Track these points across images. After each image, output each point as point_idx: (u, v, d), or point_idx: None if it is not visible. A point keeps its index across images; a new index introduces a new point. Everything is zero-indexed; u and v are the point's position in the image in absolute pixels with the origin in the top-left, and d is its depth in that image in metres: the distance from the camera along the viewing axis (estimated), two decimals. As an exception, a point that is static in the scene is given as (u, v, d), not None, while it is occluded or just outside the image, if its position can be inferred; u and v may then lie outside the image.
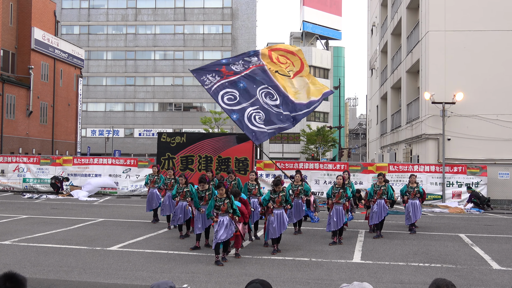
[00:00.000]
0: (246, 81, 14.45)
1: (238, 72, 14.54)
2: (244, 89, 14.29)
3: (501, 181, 22.19)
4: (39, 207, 19.23)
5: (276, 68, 15.34)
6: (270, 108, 14.19)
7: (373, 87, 44.60)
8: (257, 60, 15.07)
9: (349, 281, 7.70)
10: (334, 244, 11.86)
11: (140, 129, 68.94)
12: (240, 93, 14.15)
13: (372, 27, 45.24)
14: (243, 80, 14.41)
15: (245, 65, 14.90)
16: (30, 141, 38.07)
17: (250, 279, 8.23)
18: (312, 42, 73.55)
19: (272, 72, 15.03)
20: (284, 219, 10.97)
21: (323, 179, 22.53)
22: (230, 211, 9.87)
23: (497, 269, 9.57)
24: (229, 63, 14.99)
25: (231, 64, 14.92)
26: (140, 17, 69.67)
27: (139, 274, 8.67)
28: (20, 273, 3.32)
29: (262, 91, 14.41)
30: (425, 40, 25.11)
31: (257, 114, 14.04)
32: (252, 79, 14.56)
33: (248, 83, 14.45)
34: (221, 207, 9.85)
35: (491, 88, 24.07)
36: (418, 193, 14.24)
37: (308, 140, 59.74)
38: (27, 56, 37.93)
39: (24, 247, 10.86)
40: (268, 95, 14.43)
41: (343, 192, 12.13)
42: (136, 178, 24.48)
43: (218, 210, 9.88)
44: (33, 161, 25.47)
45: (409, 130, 28.15)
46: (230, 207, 9.90)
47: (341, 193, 12.12)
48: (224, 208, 9.84)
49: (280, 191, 11.10)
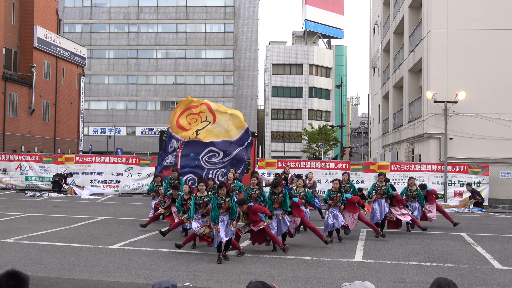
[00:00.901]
0: (186, 163, 15.72)
1: (174, 163, 15.70)
2: (190, 169, 15.71)
3: (503, 180, 22.14)
4: (41, 205, 19.26)
5: (193, 130, 16.25)
6: (220, 162, 15.68)
7: (375, 86, 44.56)
8: (177, 142, 16.00)
9: (350, 280, 7.70)
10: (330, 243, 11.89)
11: (142, 128, 69.00)
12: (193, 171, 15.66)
13: (374, 26, 45.18)
14: (184, 165, 15.63)
15: (173, 152, 16.05)
16: (32, 139, 38.12)
17: (252, 278, 8.24)
18: (314, 41, 73.51)
19: (196, 137, 16.02)
20: (285, 219, 10.99)
21: (325, 178, 22.51)
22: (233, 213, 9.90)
23: (498, 269, 9.57)
24: (162, 163, 16.32)
25: (166, 161, 16.16)
26: (142, 15, 69.69)
27: (141, 272, 8.68)
28: (22, 271, 3.33)
29: (203, 158, 15.68)
30: (427, 39, 25.08)
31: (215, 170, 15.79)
32: (187, 158, 15.77)
33: (188, 162, 15.78)
34: (223, 205, 9.87)
35: (493, 87, 24.03)
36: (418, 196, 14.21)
37: (310, 139, 59.72)
38: (30, 55, 37.96)
39: (26, 245, 10.88)
40: (210, 157, 15.73)
41: (340, 196, 12.20)
42: (138, 177, 24.50)
43: (220, 208, 9.89)
44: (35, 159, 25.50)
45: (411, 129, 28.12)
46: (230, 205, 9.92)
47: (338, 197, 12.18)
48: (225, 206, 9.86)
49: (279, 192, 11.08)
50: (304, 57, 68.17)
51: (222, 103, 67.12)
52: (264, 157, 56.11)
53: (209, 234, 10.25)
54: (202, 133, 15.92)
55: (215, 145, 15.67)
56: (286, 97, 68.15)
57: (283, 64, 68.46)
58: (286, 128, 67.93)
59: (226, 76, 68.90)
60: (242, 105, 68.35)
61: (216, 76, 69.05)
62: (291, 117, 68.46)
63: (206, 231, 10.30)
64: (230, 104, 68.20)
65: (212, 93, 68.57)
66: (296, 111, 68.40)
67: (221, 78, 68.99)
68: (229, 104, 68.20)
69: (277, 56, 68.26)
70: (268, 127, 68.02)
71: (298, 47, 69.44)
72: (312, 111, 68.27)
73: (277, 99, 67.89)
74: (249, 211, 10.50)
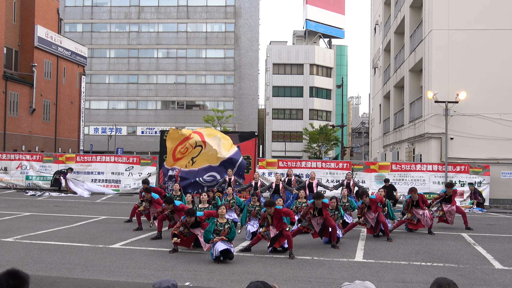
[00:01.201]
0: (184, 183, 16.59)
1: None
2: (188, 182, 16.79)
3: (504, 180, 22.11)
4: (41, 204, 19.27)
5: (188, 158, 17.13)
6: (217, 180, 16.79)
7: (376, 85, 44.55)
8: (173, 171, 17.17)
9: (351, 280, 7.70)
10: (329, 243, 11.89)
11: (143, 127, 69.00)
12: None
13: (375, 26, 45.17)
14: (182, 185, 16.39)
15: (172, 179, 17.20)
16: (33, 138, 38.14)
17: (252, 277, 8.25)
18: (315, 41, 73.49)
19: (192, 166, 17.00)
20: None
21: (326, 178, 22.50)
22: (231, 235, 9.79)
23: (499, 269, 9.56)
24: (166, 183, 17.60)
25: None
26: (143, 15, 69.69)
27: (141, 272, 8.68)
28: (23, 270, 3.33)
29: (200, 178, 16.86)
30: (428, 39, 25.06)
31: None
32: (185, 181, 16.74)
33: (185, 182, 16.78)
34: (221, 232, 9.69)
35: (494, 87, 24.02)
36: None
37: (311, 138, 59.69)
38: (30, 54, 37.98)
39: (27, 244, 10.89)
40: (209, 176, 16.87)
41: (338, 214, 12.17)
42: (139, 176, 24.49)
43: (218, 235, 9.69)
44: (36, 159, 25.51)
45: (411, 129, 28.11)
46: (229, 232, 9.75)
47: (336, 215, 12.11)
48: (224, 233, 9.69)
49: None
50: (305, 56, 68.15)
51: (223, 103, 67.51)
52: (264, 157, 56.12)
53: (186, 233, 10.26)
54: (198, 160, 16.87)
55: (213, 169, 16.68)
56: (287, 96, 68.13)
57: (283, 63, 68.44)
58: (286, 128, 67.91)
59: (227, 76, 68.89)
60: (242, 105, 68.34)
61: (217, 75, 69.04)
62: (291, 117, 68.43)
63: (185, 231, 10.26)
64: (230, 104, 68.24)
65: (213, 92, 68.58)
66: (297, 110, 68.38)
67: (222, 78, 68.98)
68: (230, 104, 68.23)
69: (277, 56, 68.23)
70: (268, 127, 68.00)
71: (299, 47, 69.41)
72: (313, 111, 68.25)
73: (278, 98, 67.87)
74: (275, 214, 10.35)
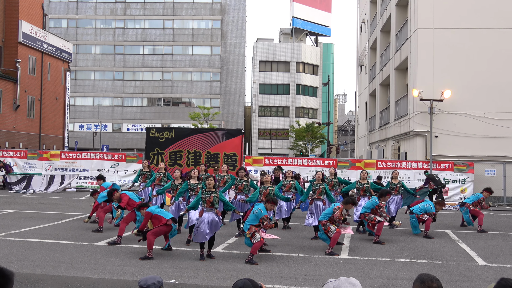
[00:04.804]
0: None
1: None
2: None
3: (487, 178, 22.38)
4: (26, 201, 19.08)
5: None
6: None
7: (362, 83, 44.74)
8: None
9: (336, 276, 7.73)
10: (315, 239, 11.97)
11: (129, 124, 68.61)
12: None
13: (361, 24, 45.33)
14: None
15: None
16: (17, 135, 37.73)
17: (238, 275, 8.26)
18: (301, 38, 73.60)
19: None
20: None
21: (312, 175, 22.55)
22: (216, 206, 9.78)
23: (482, 265, 9.68)
24: None
25: None
26: (129, 11, 69.22)
27: (127, 269, 8.65)
28: (6, 268, 3.30)
29: None
30: (413, 37, 25.23)
31: None
32: None
33: None
34: (207, 198, 9.73)
35: (478, 86, 24.25)
36: (402, 188, 14.38)
37: (297, 136, 59.82)
38: (14, 50, 37.54)
39: (11, 242, 10.78)
40: None
41: (323, 188, 12.22)
42: (124, 173, 24.38)
43: (204, 202, 9.77)
44: (20, 156, 25.26)
45: (397, 127, 28.30)
46: (217, 201, 9.78)
47: (321, 189, 12.21)
48: (210, 201, 9.71)
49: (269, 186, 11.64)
50: (292, 54, 68.21)
51: (210, 100, 67.34)
52: (251, 154, 56.14)
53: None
54: None
55: None
56: (273, 94, 68.15)
57: (270, 61, 68.44)
58: (273, 126, 67.95)
59: (213, 73, 68.73)
60: (229, 102, 68.24)
61: (203, 72, 68.85)
62: (278, 115, 68.49)
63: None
64: (217, 101, 68.10)
65: (199, 89, 68.38)
66: (283, 108, 68.45)
67: (208, 75, 68.81)
68: (216, 101, 68.09)
69: (264, 53, 68.22)
70: (255, 124, 68.00)
71: (285, 45, 69.46)
72: (299, 109, 68.37)
73: (264, 96, 67.88)
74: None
